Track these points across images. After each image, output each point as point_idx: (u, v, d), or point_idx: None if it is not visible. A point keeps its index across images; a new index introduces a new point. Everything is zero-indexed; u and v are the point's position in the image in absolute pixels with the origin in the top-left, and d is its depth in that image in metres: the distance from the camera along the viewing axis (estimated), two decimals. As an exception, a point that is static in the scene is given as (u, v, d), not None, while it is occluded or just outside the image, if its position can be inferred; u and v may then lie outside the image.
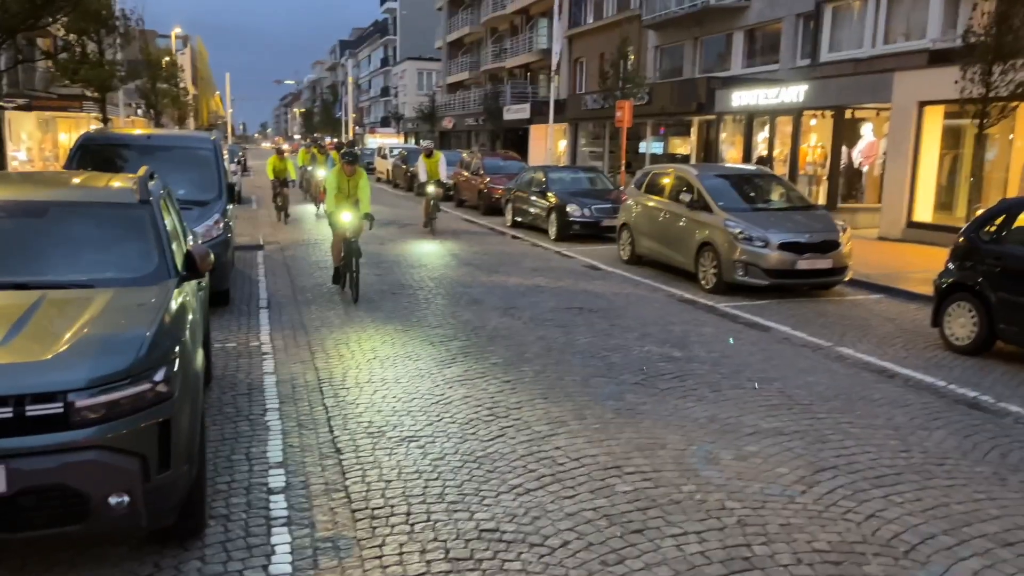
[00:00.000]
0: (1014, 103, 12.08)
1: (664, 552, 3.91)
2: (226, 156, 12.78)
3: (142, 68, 36.30)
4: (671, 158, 26.88)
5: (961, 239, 8.30)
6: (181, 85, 45.40)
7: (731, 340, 8.29)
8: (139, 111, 42.73)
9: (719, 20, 25.80)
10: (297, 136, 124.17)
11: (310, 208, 22.81)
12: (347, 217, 9.94)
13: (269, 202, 21.62)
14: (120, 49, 26.15)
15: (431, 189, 17.58)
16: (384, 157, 38.05)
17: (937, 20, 17.75)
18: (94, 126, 30.41)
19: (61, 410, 3.27)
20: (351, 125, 65.51)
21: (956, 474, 4.93)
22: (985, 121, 12.25)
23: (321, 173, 20.88)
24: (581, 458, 5.08)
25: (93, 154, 9.57)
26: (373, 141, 69.43)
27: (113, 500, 3.34)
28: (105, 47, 24.11)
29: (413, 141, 62.12)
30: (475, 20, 51.81)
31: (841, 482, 4.76)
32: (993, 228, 7.93)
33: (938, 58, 15.99)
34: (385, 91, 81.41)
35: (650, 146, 28.66)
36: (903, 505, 4.46)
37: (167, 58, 45.10)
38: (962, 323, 8.02)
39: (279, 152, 20.54)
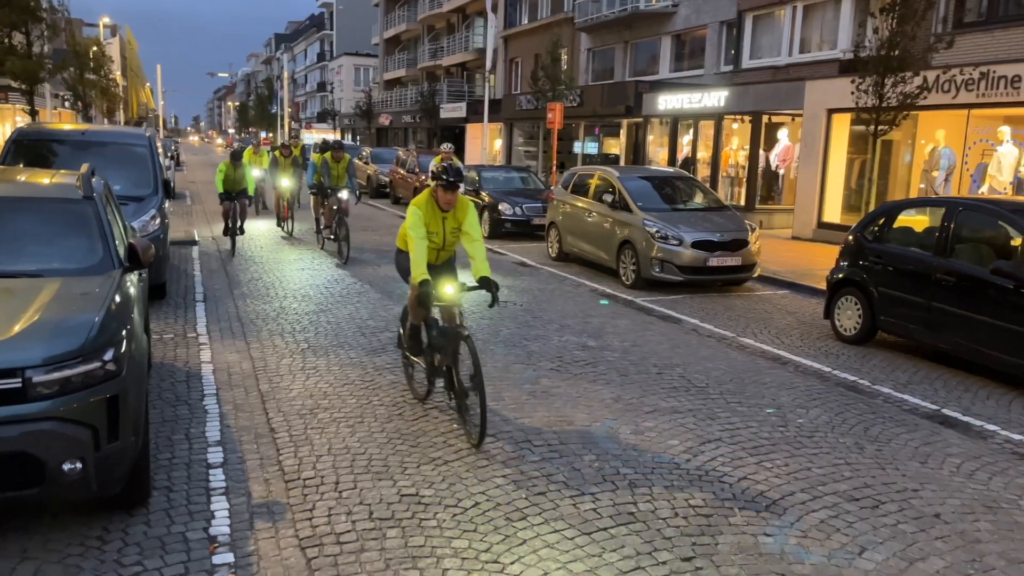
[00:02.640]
0: (903, 112, 13.07)
1: (562, 509, 4.47)
2: (160, 151, 12.92)
3: (69, 59, 35.47)
4: (605, 158, 27.69)
5: (850, 238, 9.12)
6: (110, 76, 44.37)
7: (603, 302, 8.88)
8: (66, 103, 41.67)
9: (648, 25, 26.69)
10: (231, 130, 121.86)
11: (260, 225, 17.98)
12: (450, 290, 5.71)
13: (207, 203, 21.11)
14: (48, 41, 25.65)
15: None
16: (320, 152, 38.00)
17: (847, 32, 18.86)
18: (20, 119, 29.73)
19: (20, 385, 3.65)
20: (287, 120, 64.89)
21: (823, 444, 5.64)
22: (879, 129, 13.22)
23: (285, 183, 16.82)
24: (496, 433, 5.62)
25: (27, 149, 9.71)
26: (309, 136, 68.84)
27: (67, 467, 3.74)
28: (33, 39, 23.64)
29: (350, 137, 61.94)
30: (412, 17, 51.98)
31: (723, 451, 5.41)
32: (876, 228, 8.76)
33: (847, 68, 17.04)
34: (321, 86, 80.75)
35: (585, 146, 29.43)
36: (772, 470, 5.12)
37: (95, 48, 44.08)
38: (849, 315, 8.83)
39: (235, 155, 14.03)
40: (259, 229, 17.32)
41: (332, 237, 13.68)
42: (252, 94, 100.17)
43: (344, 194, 13.68)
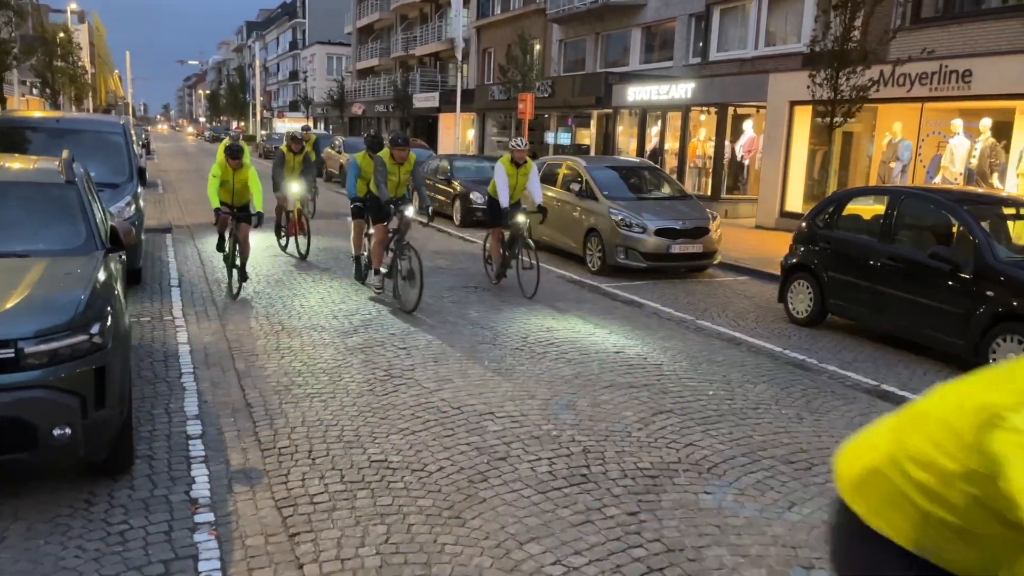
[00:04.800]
0: (857, 105, 13.57)
1: (520, 472, 4.83)
2: (134, 138, 13.05)
3: (37, 45, 35.12)
4: (578, 149, 28.07)
5: (803, 225, 9.56)
6: (79, 64, 43.92)
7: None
8: (34, 91, 41.20)
9: (618, 17, 27.06)
10: (202, 119, 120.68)
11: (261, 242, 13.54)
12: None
13: (179, 191, 21.00)
14: (15, 27, 25.46)
15: (520, 218, 10.43)
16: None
17: (810, 26, 19.33)
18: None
19: (13, 355, 3.92)
20: (259, 109, 64.57)
21: (766, 415, 6.05)
22: (835, 121, 13.71)
23: (295, 188, 12.48)
24: (461, 407, 5.96)
25: (1, 136, 9.85)
26: (282, 125, 68.62)
27: (57, 432, 4.02)
28: (0, 25, 23.49)
29: (322, 126, 61.78)
30: (385, 6, 51.92)
31: (672, 421, 5.80)
32: (826, 216, 9.20)
33: (808, 62, 17.53)
34: (294, 75, 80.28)
35: (558, 137, 29.77)
36: (716, 437, 5.52)
37: (62, 35, 43.59)
38: (801, 299, 9.28)
39: (232, 152, 9.47)
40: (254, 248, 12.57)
41: (387, 272, 9.65)
42: (223, 82, 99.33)
43: (409, 210, 9.39)
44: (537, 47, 31.29)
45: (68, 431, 4.05)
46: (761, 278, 12.27)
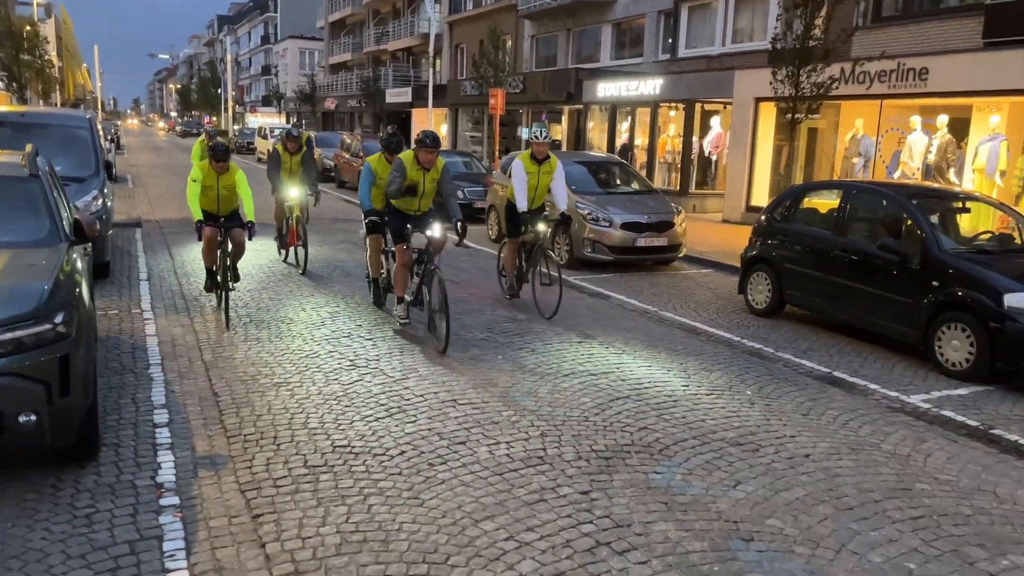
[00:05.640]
0: (818, 102, 13.89)
1: (479, 455, 5.00)
2: (101, 132, 13.03)
3: (3, 38, 34.63)
4: (551, 145, 28.20)
5: (762, 218, 9.81)
6: (46, 57, 43.31)
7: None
8: (0, 84, 40.62)
9: (589, 13, 27.25)
10: (173, 114, 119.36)
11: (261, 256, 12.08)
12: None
13: (148, 186, 20.79)
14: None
15: (541, 227, 9.19)
16: (265, 137, 37.88)
17: (775, 23, 19.64)
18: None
19: (-22, 344, 4.02)
20: (231, 104, 64.05)
21: (720, 401, 6.27)
22: (796, 117, 14.01)
23: (293, 192, 10.95)
24: (424, 395, 6.12)
25: (-35, 131, 9.82)
26: (254, 120, 68.14)
27: (23, 418, 4.12)
28: (-36, 17, 23.14)
29: (295, 121, 61.41)
30: (357, 1, 51.76)
31: (629, 407, 5.99)
32: (784, 209, 9.46)
33: (773, 59, 17.83)
34: (266, 69, 79.74)
35: (531, 132, 29.89)
36: (670, 421, 5.73)
37: (28, 28, 42.94)
38: (760, 290, 9.52)
39: (217, 152, 8.25)
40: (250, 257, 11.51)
41: (412, 301, 8.09)
42: (195, 77, 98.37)
43: (436, 229, 7.81)
44: (509, 43, 31.42)
45: (34, 418, 4.15)
46: (724, 271, 12.53)
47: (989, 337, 6.89)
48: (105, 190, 10.14)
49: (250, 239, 8.28)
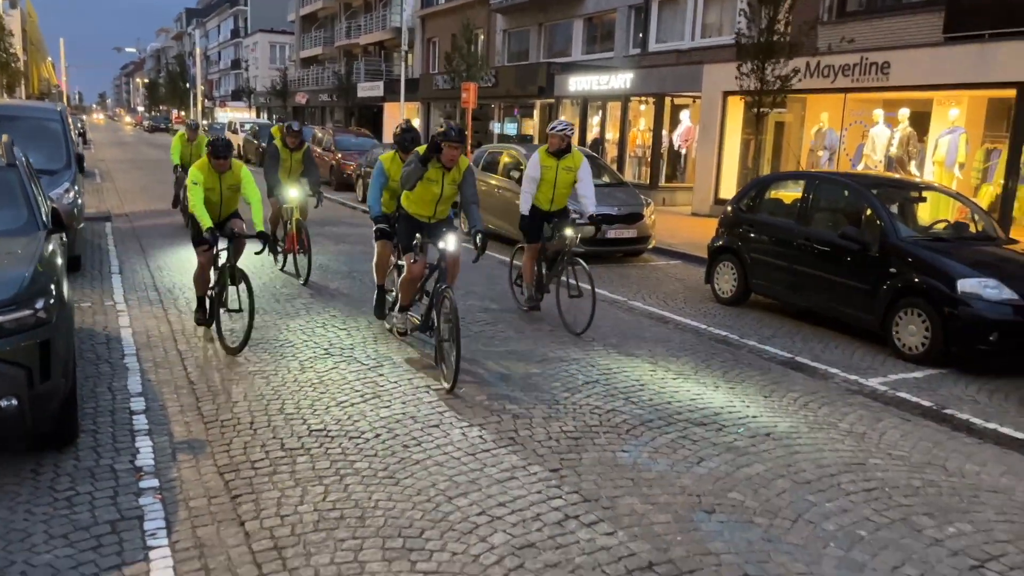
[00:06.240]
0: (782, 95, 14.19)
1: (451, 437, 5.15)
2: (71, 126, 12.95)
3: (-34, 31, 34.04)
4: (523, 139, 28.40)
5: (728, 209, 10.04)
6: (11, 51, 42.65)
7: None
8: (-37, 77, 39.93)
9: (561, 7, 27.42)
10: (140, 108, 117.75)
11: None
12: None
13: (116, 180, 20.44)
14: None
15: (569, 232, 8.34)
16: (235, 132, 37.63)
17: (745, 17, 19.95)
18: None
19: (-41, 330, 4.09)
20: (200, 98, 63.41)
21: (686, 385, 6.47)
22: (761, 110, 14.30)
23: (292, 193, 10.22)
24: (399, 381, 6.25)
25: (-66, 123, 9.75)
26: (224, 115, 67.46)
27: (4, 403, 4.19)
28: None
29: (266, 116, 60.99)
30: (329, -6, 51.51)
31: (598, 391, 6.18)
32: (749, 200, 9.70)
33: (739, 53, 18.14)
34: (236, 64, 78.96)
35: (504, 127, 30.05)
36: (637, 404, 5.92)
37: (-8, 20, 42.26)
38: (726, 279, 9.76)
39: (219, 149, 7.08)
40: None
41: (420, 327, 6.94)
42: (163, 71, 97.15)
43: (451, 241, 6.72)
44: (481, 37, 31.51)
45: (15, 402, 4.22)
46: (692, 262, 12.77)
47: (943, 322, 7.16)
48: (77, 183, 10.12)
49: (262, 251, 7.09)
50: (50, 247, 5.06)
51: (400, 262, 7.27)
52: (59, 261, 5.06)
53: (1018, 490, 4.76)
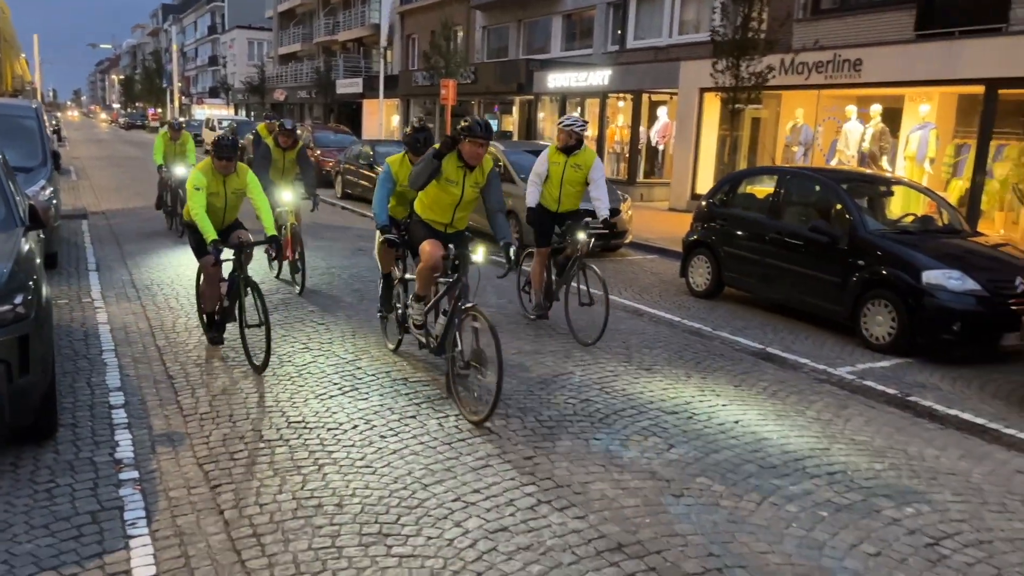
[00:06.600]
0: (756, 91, 14.40)
1: (428, 427, 5.26)
2: (47, 123, 12.90)
3: (-63, 27, 33.54)
4: (503, 135, 28.48)
5: (703, 204, 10.20)
6: (-17, 47, 42.10)
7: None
8: (-66, 74, 39.34)
9: (540, 4, 27.52)
10: (116, 105, 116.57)
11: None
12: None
13: (92, 178, 20.28)
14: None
15: (581, 236, 7.86)
16: (212, 129, 37.48)
17: (720, 15, 20.16)
18: None
19: (-61, 325, 4.13)
20: (177, 95, 62.88)
21: (659, 375, 6.61)
22: (736, 107, 14.50)
23: (287, 196, 9.60)
24: (376, 374, 6.34)
25: (-93, 120, 9.72)
26: (201, 112, 66.94)
27: (-17, 397, 4.25)
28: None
29: (244, 113, 60.63)
30: (307, -9, 51.23)
31: (573, 381, 6.30)
32: (722, 195, 9.86)
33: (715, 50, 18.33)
34: (213, 60, 78.36)
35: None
36: (611, 394, 6.05)
37: (-35, 16, 41.68)
38: (700, 273, 9.92)
39: (223, 149, 6.41)
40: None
41: (435, 349, 6.18)
42: (138, 68, 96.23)
43: (477, 254, 5.83)
44: (461, 34, 31.56)
45: (-6, 396, 4.27)
46: (668, 256, 12.93)
47: (909, 312, 7.35)
48: (53, 180, 10.11)
49: (275, 259, 6.21)
50: (28, 243, 5.10)
51: (408, 276, 6.60)
52: (37, 257, 5.11)
53: (974, 472, 4.94)
